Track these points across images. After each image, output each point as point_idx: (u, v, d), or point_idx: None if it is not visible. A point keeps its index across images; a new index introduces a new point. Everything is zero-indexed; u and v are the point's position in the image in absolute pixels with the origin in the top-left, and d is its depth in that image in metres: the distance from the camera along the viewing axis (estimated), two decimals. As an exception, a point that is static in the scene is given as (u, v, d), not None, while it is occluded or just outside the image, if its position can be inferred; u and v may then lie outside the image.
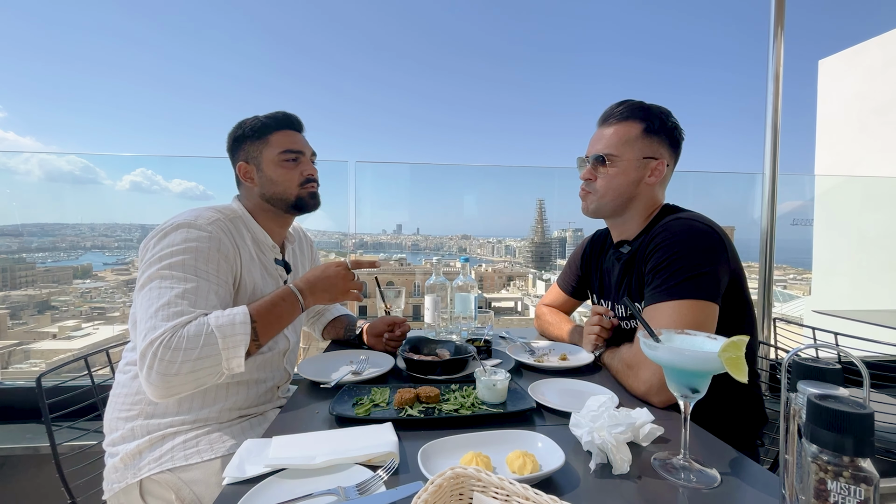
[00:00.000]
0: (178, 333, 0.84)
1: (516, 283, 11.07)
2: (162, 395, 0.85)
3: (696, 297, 0.92)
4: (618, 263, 1.15)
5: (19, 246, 3.51)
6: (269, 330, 0.97)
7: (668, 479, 0.65)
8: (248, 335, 0.89)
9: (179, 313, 0.86)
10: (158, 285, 0.90)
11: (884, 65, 5.59)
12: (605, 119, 1.13)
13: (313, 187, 1.17)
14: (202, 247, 0.95)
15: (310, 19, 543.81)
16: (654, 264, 0.99)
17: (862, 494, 0.41)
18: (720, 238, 0.98)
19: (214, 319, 0.88)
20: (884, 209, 3.69)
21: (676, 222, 1.01)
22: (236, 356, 0.88)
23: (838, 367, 0.53)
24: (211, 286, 0.94)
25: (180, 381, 0.84)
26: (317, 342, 1.54)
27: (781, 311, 4.66)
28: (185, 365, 0.83)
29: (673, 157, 1.12)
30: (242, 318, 0.90)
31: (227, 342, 0.87)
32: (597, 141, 1.12)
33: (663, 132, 1.09)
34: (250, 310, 0.93)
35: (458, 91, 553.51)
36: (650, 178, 1.09)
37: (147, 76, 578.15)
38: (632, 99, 1.12)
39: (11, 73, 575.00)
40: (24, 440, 1.64)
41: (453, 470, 0.50)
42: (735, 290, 1.00)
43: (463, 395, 0.92)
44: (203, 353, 0.85)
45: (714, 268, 0.94)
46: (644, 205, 1.12)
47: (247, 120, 1.14)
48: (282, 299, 1.00)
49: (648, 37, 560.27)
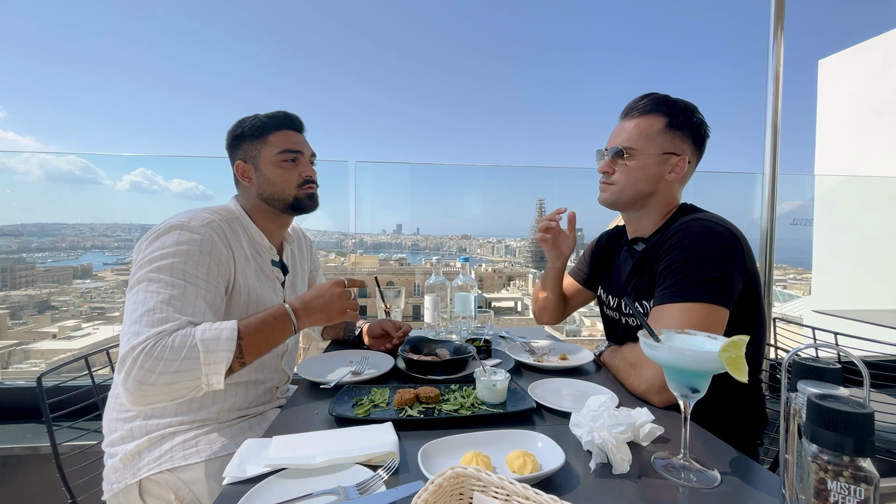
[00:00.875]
0: (161, 342, 0.82)
1: (516, 283, 11.07)
2: (135, 403, 0.83)
3: (708, 300, 0.89)
4: (630, 260, 1.13)
5: (19, 246, 3.51)
6: (256, 349, 0.92)
7: (668, 478, 0.65)
8: (233, 352, 0.86)
9: (164, 320, 0.84)
10: (146, 289, 0.88)
11: (883, 65, 5.59)
12: (627, 112, 1.10)
13: (311, 188, 1.16)
14: (193, 250, 0.94)
15: (310, 19, 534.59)
16: (668, 264, 0.96)
17: (862, 494, 0.41)
18: (739, 242, 0.95)
19: (200, 332, 0.85)
20: (884, 209, 3.69)
21: (695, 223, 0.98)
22: (216, 372, 0.85)
23: (838, 367, 0.53)
24: (199, 291, 0.92)
25: (155, 391, 0.81)
26: (316, 342, 1.54)
27: (781, 311, 4.66)
28: (162, 376, 0.81)
29: (696, 154, 1.08)
30: (229, 333, 0.87)
31: (209, 357, 0.84)
32: (618, 133, 1.09)
33: (687, 128, 1.05)
34: (239, 326, 0.89)
35: (459, 91, 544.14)
36: (670, 175, 1.06)
37: (147, 76, 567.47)
38: (657, 92, 1.08)
39: (11, 73, 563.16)
40: (24, 440, 1.64)
41: (453, 470, 0.50)
42: (749, 297, 0.97)
43: (463, 395, 0.92)
44: (183, 365, 0.82)
45: (730, 272, 0.92)
46: (662, 202, 1.09)
47: (247, 119, 1.13)
48: (274, 318, 0.96)
49: (648, 36, 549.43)
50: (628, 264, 1.14)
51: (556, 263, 1.34)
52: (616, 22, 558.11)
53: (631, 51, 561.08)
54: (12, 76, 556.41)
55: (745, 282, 0.96)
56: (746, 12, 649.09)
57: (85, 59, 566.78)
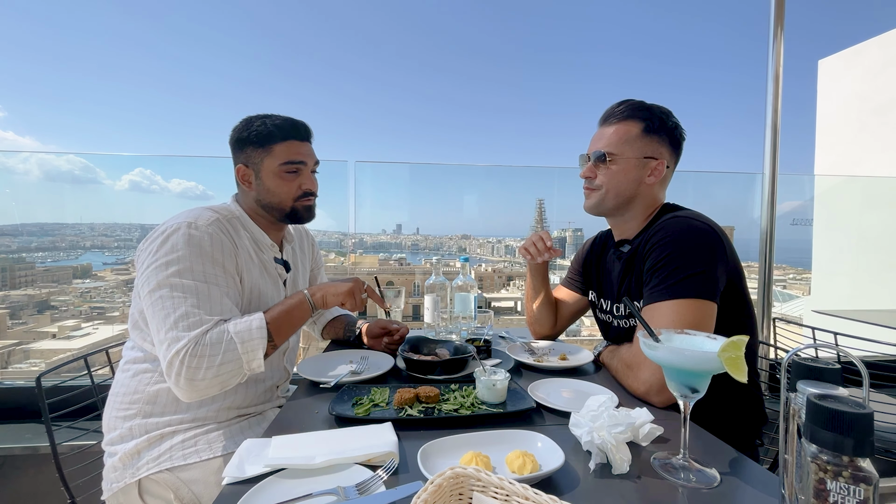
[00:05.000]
0: (201, 342, 0.89)
1: (516, 283, 11.07)
2: (189, 398, 0.91)
3: (695, 295, 0.91)
4: (619, 262, 1.15)
5: (19, 246, 3.50)
6: (284, 332, 1.02)
7: (667, 478, 0.65)
8: (265, 339, 0.95)
9: (199, 322, 0.91)
10: (171, 294, 0.91)
11: (883, 65, 5.59)
12: (606, 118, 1.13)
13: (310, 201, 1.16)
14: (206, 250, 0.96)
15: (309, 19, 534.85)
16: (653, 263, 0.99)
17: (861, 494, 0.41)
18: (718, 236, 0.98)
19: (233, 326, 0.93)
20: (883, 209, 3.69)
21: (674, 220, 1.01)
22: (255, 358, 0.94)
23: (838, 367, 0.53)
24: (221, 290, 0.97)
25: (206, 384, 0.89)
26: (316, 342, 1.53)
27: (781, 311, 4.66)
28: (209, 370, 0.89)
29: (673, 157, 1.12)
30: (259, 323, 0.95)
31: (246, 346, 0.92)
32: (598, 139, 1.13)
33: (664, 132, 1.09)
34: (265, 315, 0.98)
35: (459, 91, 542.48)
36: (650, 178, 1.09)
37: (146, 76, 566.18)
38: (633, 98, 1.12)
39: (11, 73, 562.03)
40: (23, 440, 1.64)
41: (453, 470, 0.50)
42: (734, 290, 1.00)
43: (463, 394, 0.92)
44: (225, 358, 0.90)
45: (712, 266, 0.94)
46: (644, 204, 1.12)
47: (254, 122, 1.11)
48: (290, 300, 1.06)
49: (648, 36, 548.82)
50: (617, 267, 1.16)
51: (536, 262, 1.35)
52: (616, 22, 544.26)
53: (631, 51, 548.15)
54: (12, 76, 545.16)
55: (728, 275, 0.98)
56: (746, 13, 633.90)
57: (84, 59, 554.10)
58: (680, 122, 1.11)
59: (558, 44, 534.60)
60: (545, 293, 1.38)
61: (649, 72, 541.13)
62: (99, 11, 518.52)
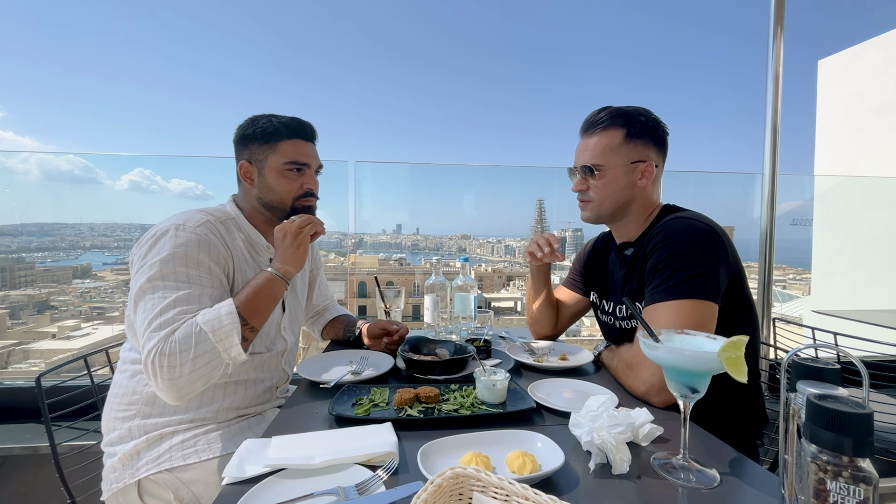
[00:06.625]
0: (170, 339, 0.86)
1: (516, 283, 11.06)
2: (176, 399, 0.89)
3: (696, 296, 0.91)
4: (622, 265, 1.15)
5: (19, 246, 3.50)
6: (258, 312, 0.97)
7: (667, 479, 0.65)
8: (237, 323, 0.91)
9: (170, 321, 0.88)
10: (152, 296, 0.91)
11: (883, 65, 5.60)
12: (586, 129, 1.13)
13: (310, 201, 1.16)
14: (191, 252, 0.95)
15: (309, 18, 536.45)
16: (654, 264, 0.99)
17: (861, 494, 0.41)
18: (719, 237, 0.98)
19: (201, 317, 0.90)
20: (883, 209, 3.69)
21: (675, 221, 1.01)
22: (233, 345, 0.90)
23: (837, 367, 0.53)
24: (204, 289, 0.95)
25: (186, 381, 0.87)
26: (316, 342, 1.53)
27: (781, 311, 4.66)
28: (185, 367, 0.86)
29: (660, 155, 1.12)
30: (227, 308, 0.92)
31: (218, 335, 0.89)
32: (582, 151, 1.12)
33: (646, 133, 1.08)
34: (233, 298, 0.95)
35: (459, 91, 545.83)
36: (641, 181, 1.09)
37: (146, 76, 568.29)
38: (610, 105, 1.12)
39: (11, 73, 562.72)
40: (23, 440, 1.64)
41: (453, 470, 0.50)
42: (736, 290, 1.00)
43: (463, 395, 0.92)
44: (198, 350, 0.87)
45: (714, 267, 0.94)
46: (641, 206, 1.12)
47: (260, 119, 1.11)
48: (256, 279, 1.00)
49: (648, 37, 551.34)
50: (621, 270, 1.16)
51: (538, 263, 1.35)
52: (616, 22, 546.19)
53: (631, 51, 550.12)
54: (12, 76, 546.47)
55: (729, 275, 0.98)
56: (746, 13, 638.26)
57: (84, 59, 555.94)
58: (660, 119, 1.11)
59: (559, 44, 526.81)
60: (546, 294, 1.38)
61: (650, 71, 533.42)
62: (99, 11, 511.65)
